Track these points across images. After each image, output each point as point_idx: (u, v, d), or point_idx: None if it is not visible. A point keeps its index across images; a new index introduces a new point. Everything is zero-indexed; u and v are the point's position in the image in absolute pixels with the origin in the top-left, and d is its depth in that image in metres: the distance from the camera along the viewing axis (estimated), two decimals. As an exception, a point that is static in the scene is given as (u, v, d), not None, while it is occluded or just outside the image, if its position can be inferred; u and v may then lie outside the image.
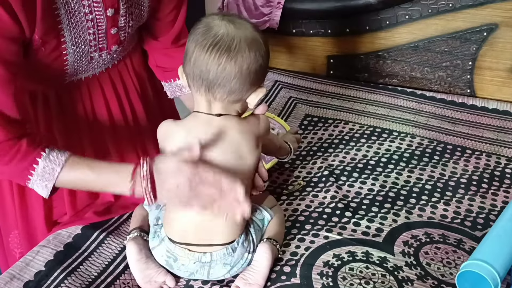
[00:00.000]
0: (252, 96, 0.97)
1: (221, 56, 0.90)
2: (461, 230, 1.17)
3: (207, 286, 1.05)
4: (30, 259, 1.08)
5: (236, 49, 0.90)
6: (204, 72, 0.91)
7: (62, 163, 0.91)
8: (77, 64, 1.01)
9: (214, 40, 0.91)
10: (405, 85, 1.76)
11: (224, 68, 0.91)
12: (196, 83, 0.94)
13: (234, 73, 0.91)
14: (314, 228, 1.17)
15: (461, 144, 1.46)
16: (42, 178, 0.90)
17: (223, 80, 0.92)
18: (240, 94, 0.94)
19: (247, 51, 0.91)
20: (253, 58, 0.92)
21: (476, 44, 1.65)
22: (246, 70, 0.92)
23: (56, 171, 0.90)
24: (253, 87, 0.95)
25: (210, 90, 0.93)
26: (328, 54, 1.83)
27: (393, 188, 1.30)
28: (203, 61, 0.91)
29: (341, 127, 1.55)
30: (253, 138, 1.00)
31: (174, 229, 1.02)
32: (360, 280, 1.04)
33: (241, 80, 0.92)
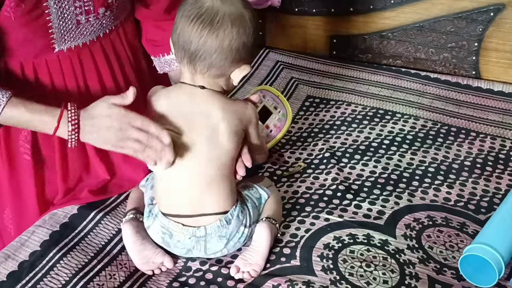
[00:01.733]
0: (236, 72, 0.96)
1: (203, 29, 0.90)
2: (465, 213, 1.15)
3: (206, 266, 1.03)
4: (25, 239, 1.07)
5: (218, 24, 0.90)
6: (187, 43, 0.92)
7: (3, 103, 0.93)
8: (63, 29, 0.99)
9: (198, 12, 0.90)
10: (409, 66, 1.73)
11: (205, 41, 0.90)
12: (179, 54, 0.95)
13: (214, 48, 0.91)
14: (315, 210, 1.15)
15: (466, 127, 1.44)
16: None
17: (204, 53, 0.91)
18: (221, 69, 0.94)
19: (230, 27, 0.90)
20: (235, 35, 0.91)
21: (482, 24, 1.61)
22: (227, 46, 0.91)
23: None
24: (237, 63, 0.94)
25: (192, 62, 0.93)
26: (330, 34, 1.79)
27: (396, 170, 1.28)
28: (186, 32, 0.91)
29: (343, 109, 1.52)
30: (235, 120, 0.98)
31: (166, 201, 1.01)
32: (361, 262, 1.02)
33: (222, 55, 0.92)
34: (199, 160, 0.98)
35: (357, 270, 1.01)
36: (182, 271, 1.03)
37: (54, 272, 1.00)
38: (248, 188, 1.09)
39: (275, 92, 1.37)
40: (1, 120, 0.96)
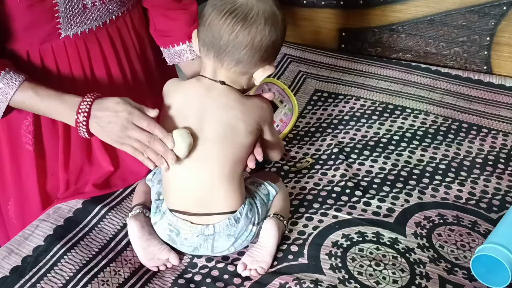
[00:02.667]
0: (260, 72, 0.94)
1: (236, 23, 0.89)
2: (476, 211, 1.13)
3: (212, 263, 1.01)
4: (29, 233, 1.05)
5: (252, 20, 0.89)
6: (216, 37, 0.90)
7: (15, 87, 0.93)
8: (69, 13, 0.97)
9: (232, 6, 0.89)
10: (419, 61, 1.70)
11: (237, 36, 0.89)
12: (206, 47, 0.93)
13: (245, 43, 0.89)
14: (323, 207, 1.13)
15: (477, 123, 1.41)
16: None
17: (233, 48, 0.90)
18: (247, 66, 0.92)
19: (263, 24, 0.90)
20: (267, 33, 0.90)
21: (494, 18, 1.58)
22: (258, 43, 0.90)
23: (9, 94, 0.93)
24: (263, 62, 0.93)
25: (219, 56, 0.92)
26: (339, 26, 1.76)
27: (406, 167, 1.25)
28: (217, 26, 0.90)
29: (352, 103, 1.50)
30: (252, 119, 0.96)
31: (174, 198, 0.99)
32: (370, 261, 1.00)
33: (251, 52, 0.90)
34: (212, 157, 0.96)
35: (366, 269, 0.99)
36: (188, 267, 1.01)
37: (58, 267, 0.98)
38: (256, 185, 1.07)
39: (281, 85, 1.35)
40: (13, 103, 0.95)
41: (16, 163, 1.11)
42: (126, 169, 1.17)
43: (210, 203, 0.98)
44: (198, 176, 0.97)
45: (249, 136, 0.97)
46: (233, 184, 0.97)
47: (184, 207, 0.98)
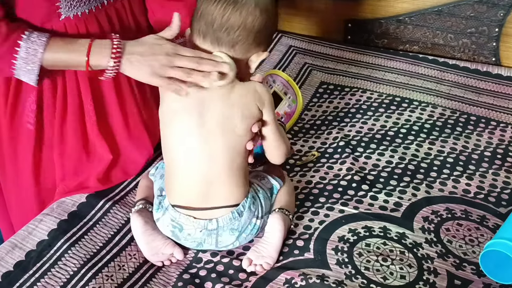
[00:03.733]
0: (254, 57, 0.95)
1: (227, 6, 0.90)
2: (485, 206, 1.11)
3: (217, 258, 1.00)
4: (32, 227, 1.04)
5: (243, 2, 0.90)
6: (209, 23, 0.91)
7: (44, 44, 0.92)
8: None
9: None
10: (427, 52, 1.67)
11: (228, 18, 0.90)
12: (202, 36, 0.93)
13: (237, 24, 0.90)
14: (329, 201, 1.12)
15: (485, 115, 1.39)
16: (26, 61, 0.92)
17: (226, 30, 0.91)
18: (242, 48, 0.92)
19: (253, 6, 0.91)
20: (259, 14, 0.91)
21: (504, 9, 1.56)
22: (250, 24, 0.91)
23: (39, 52, 0.92)
24: (256, 47, 0.93)
25: (214, 42, 0.92)
26: (345, 18, 1.74)
27: (413, 160, 1.24)
28: (209, 11, 0.91)
29: (358, 96, 1.48)
30: (248, 102, 0.94)
31: (176, 193, 0.98)
32: (377, 256, 0.99)
33: (245, 33, 0.91)
34: (214, 149, 0.95)
35: (373, 264, 0.98)
36: (193, 262, 1.00)
37: (62, 262, 0.98)
38: (259, 178, 1.06)
39: (285, 77, 1.33)
40: (45, 62, 0.93)
41: (14, 141, 1.09)
42: (126, 158, 1.16)
43: (213, 197, 0.97)
44: (200, 170, 0.96)
45: (247, 121, 0.95)
46: (235, 176, 0.96)
47: (186, 201, 0.97)
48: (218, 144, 0.94)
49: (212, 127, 0.94)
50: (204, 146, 0.95)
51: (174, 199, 0.98)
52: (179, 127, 0.96)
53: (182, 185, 0.98)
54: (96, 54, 0.93)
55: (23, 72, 0.94)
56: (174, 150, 0.98)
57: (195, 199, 0.97)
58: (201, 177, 0.96)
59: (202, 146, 0.95)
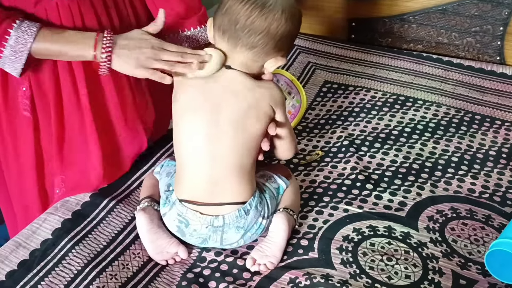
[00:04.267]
0: (271, 62, 0.95)
1: (254, 9, 0.90)
2: (490, 205, 1.11)
3: (221, 257, 1.00)
4: (36, 226, 1.04)
5: (270, 7, 0.90)
6: (233, 21, 0.91)
7: (34, 33, 0.92)
8: None
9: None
10: (431, 51, 1.67)
11: (253, 21, 0.90)
12: (222, 31, 0.93)
13: (261, 29, 0.90)
14: (333, 200, 1.12)
15: (490, 114, 1.38)
16: (15, 50, 0.92)
17: (249, 33, 0.91)
18: (260, 53, 0.92)
19: (280, 13, 0.91)
20: (284, 22, 0.91)
21: (508, 8, 1.55)
22: (274, 30, 0.91)
23: (29, 41, 0.92)
24: (275, 52, 0.94)
25: (233, 39, 0.92)
26: (349, 16, 1.74)
27: (417, 159, 1.23)
28: (235, 10, 0.91)
29: (362, 95, 1.47)
30: (263, 101, 0.95)
31: (185, 187, 0.98)
32: (381, 256, 0.99)
33: (266, 38, 0.91)
34: (223, 148, 0.95)
35: (377, 263, 0.97)
36: (197, 261, 1.00)
37: (66, 261, 0.97)
38: (266, 178, 1.05)
39: (289, 76, 1.32)
40: (33, 51, 0.93)
41: (13, 131, 1.09)
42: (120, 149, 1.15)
43: (220, 193, 0.97)
44: (210, 167, 0.96)
45: (263, 118, 0.95)
46: (244, 174, 0.97)
47: (194, 196, 0.97)
48: (229, 143, 0.95)
49: (224, 126, 0.94)
50: (211, 145, 0.95)
51: (182, 194, 0.98)
52: (188, 124, 0.96)
53: (190, 181, 0.98)
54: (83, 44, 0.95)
55: (8, 60, 0.93)
56: (182, 147, 0.98)
57: (202, 195, 0.97)
58: (208, 175, 0.96)
59: (210, 145, 0.95)
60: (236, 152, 0.95)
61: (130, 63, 0.95)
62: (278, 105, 0.97)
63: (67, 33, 0.96)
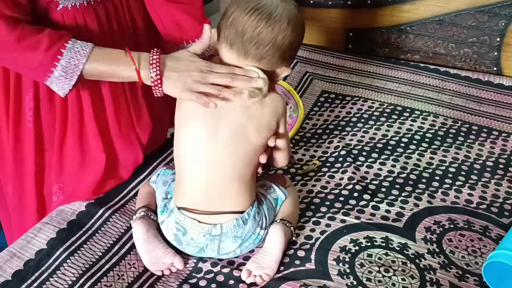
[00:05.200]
0: (277, 72, 0.95)
1: (260, 20, 0.90)
2: (487, 216, 1.11)
3: (217, 268, 0.99)
4: (31, 236, 1.04)
5: (276, 18, 0.90)
6: (239, 33, 0.91)
7: (87, 54, 0.92)
8: None
9: (257, 4, 0.91)
10: (428, 62, 1.68)
11: (260, 32, 0.90)
12: (229, 43, 0.93)
13: (268, 40, 0.90)
14: (330, 211, 1.11)
15: (487, 125, 1.38)
16: (65, 71, 0.92)
17: (256, 44, 0.91)
18: (268, 63, 0.93)
19: (286, 24, 0.91)
20: (290, 32, 0.91)
21: (505, 19, 1.56)
22: (280, 41, 0.91)
23: (82, 62, 0.92)
24: (281, 62, 0.94)
25: (242, 52, 0.92)
26: (347, 27, 1.74)
27: (415, 170, 1.23)
28: (241, 21, 0.91)
29: (359, 105, 1.47)
30: (268, 113, 0.95)
31: (184, 194, 0.98)
32: (379, 267, 0.98)
33: (273, 49, 0.91)
34: (225, 155, 0.95)
35: (375, 275, 0.97)
36: (193, 272, 0.99)
37: (60, 271, 0.97)
38: (265, 188, 1.05)
39: (286, 86, 1.32)
40: (85, 72, 0.93)
41: (17, 142, 1.09)
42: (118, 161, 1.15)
43: (219, 202, 0.96)
44: (210, 175, 0.96)
45: (265, 131, 0.95)
46: (243, 184, 0.96)
47: (193, 204, 0.97)
48: (228, 152, 0.94)
49: (224, 136, 0.94)
50: (211, 153, 0.94)
51: (181, 201, 0.98)
52: (189, 132, 0.96)
53: (189, 188, 0.98)
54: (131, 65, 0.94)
55: (57, 80, 0.93)
56: (182, 154, 0.98)
57: (201, 203, 0.97)
58: (207, 183, 0.96)
59: (209, 153, 0.94)
60: (236, 162, 0.95)
61: (178, 86, 0.93)
62: (281, 118, 0.97)
63: (116, 53, 0.95)
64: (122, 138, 1.13)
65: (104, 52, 0.95)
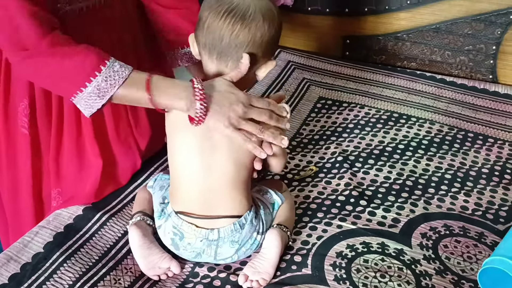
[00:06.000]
0: (262, 68, 0.95)
1: (235, 23, 0.89)
2: (483, 223, 1.11)
3: (214, 273, 1.00)
4: (28, 240, 1.03)
5: (251, 18, 0.89)
6: (217, 39, 0.90)
7: (125, 77, 0.86)
8: None
9: (229, 7, 0.89)
10: (424, 69, 1.69)
11: (237, 35, 0.89)
12: (208, 50, 0.92)
13: (247, 41, 0.89)
14: (327, 216, 1.12)
15: (483, 132, 1.39)
16: (99, 89, 0.85)
17: (236, 48, 0.90)
18: (251, 63, 0.91)
19: (262, 21, 0.90)
20: (267, 28, 0.90)
21: (501, 27, 1.57)
22: (259, 39, 0.90)
23: (117, 84, 0.85)
24: (264, 58, 0.93)
25: (222, 57, 0.91)
26: (344, 34, 1.75)
27: (411, 176, 1.24)
28: (216, 27, 0.89)
29: (356, 111, 1.48)
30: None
31: (181, 199, 0.98)
32: (375, 273, 0.98)
33: (254, 49, 0.90)
34: (221, 160, 0.95)
35: (371, 280, 0.97)
36: (189, 277, 0.99)
37: (57, 275, 0.96)
38: (262, 193, 1.05)
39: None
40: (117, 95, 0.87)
41: (12, 148, 1.09)
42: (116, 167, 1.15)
43: (215, 207, 0.96)
44: (206, 180, 0.96)
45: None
46: (239, 188, 0.96)
47: (190, 208, 0.97)
48: (223, 155, 0.94)
49: (218, 141, 0.93)
50: (205, 157, 0.94)
51: (178, 206, 0.98)
52: (182, 136, 0.96)
53: (185, 193, 0.98)
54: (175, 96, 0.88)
55: (87, 98, 0.86)
56: (176, 159, 0.98)
57: (198, 208, 0.97)
58: (203, 186, 0.96)
59: (204, 157, 0.94)
60: (230, 165, 0.95)
61: (222, 120, 0.88)
62: None
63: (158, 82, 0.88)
64: (120, 143, 1.13)
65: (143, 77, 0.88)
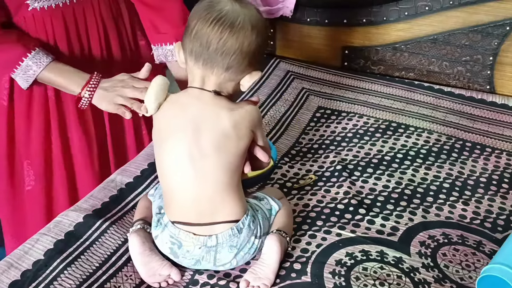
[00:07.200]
0: (247, 78, 0.95)
1: (223, 30, 0.90)
2: (481, 231, 1.12)
3: (213, 280, 1.00)
4: (29, 247, 1.04)
5: (239, 26, 0.91)
6: (204, 45, 0.91)
7: (43, 66, 1.11)
8: None
9: (218, 14, 0.91)
10: (422, 79, 1.70)
11: (225, 42, 0.90)
12: (194, 57, 0.93)
13: (234, 49, 0.91)
14: (326, 224, 1.12)
15: (481, 142, 1.41)
16: (24, 73, 1.12)
17: (222, 55, 0.91)
18: (236, 72, 0.93)
19: (250, 30, 0.91)
20: (254, 38, 0.92)
21: (498, 38, 1.59)
22: (246, 48, 0.91)
23: (36, 72, 1.11)
24: (249, 68, 0.94)
25: (208, 64, 0.92)
26: (343, 44, 1.77)
27: (409, 185, 1.25)
28: (204, 34, 0.91)
29: (355, 121, 1.49)
30: (243, 123, 0.96)
31: (176, 210, 0.98)
32: (374, 281, 0.99)
33: (240, 57, 0.92)
34: (210, 167, 0.95)
35: (370, 288, 0.98)
36: (189, 284, 1.00)
37: (57, 282, 0.97)
38: (259, 199, 1.06)
39: None
40: (39, 79, 1.13)
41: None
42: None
43: (211, 213, 0.97)
44: (199, 187, 0.96)
45: (244, 139, 0.96)
46: (232, 192, 0.97)
47: (186, 217, 0.97)
48: (212, 162, 0.95)
49: (206, 147, 0.94)
50: (195, 164, 0.95)
51: (174, 216, 0.99)
52: (169, 147, 0.96)
53: (178, 202, 0.98)
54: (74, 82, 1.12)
55: (19, 78, 1.13)
56: (165, 170, 0.98)
57: (194, 216, 0.97)
58: (195, 194, 0.96)
59: (193, 164, 0.95)
60: (220, 170, 0.95)
61: (105, 100, 1.11)
62: (257, 128, 0.98)
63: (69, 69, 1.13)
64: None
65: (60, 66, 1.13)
